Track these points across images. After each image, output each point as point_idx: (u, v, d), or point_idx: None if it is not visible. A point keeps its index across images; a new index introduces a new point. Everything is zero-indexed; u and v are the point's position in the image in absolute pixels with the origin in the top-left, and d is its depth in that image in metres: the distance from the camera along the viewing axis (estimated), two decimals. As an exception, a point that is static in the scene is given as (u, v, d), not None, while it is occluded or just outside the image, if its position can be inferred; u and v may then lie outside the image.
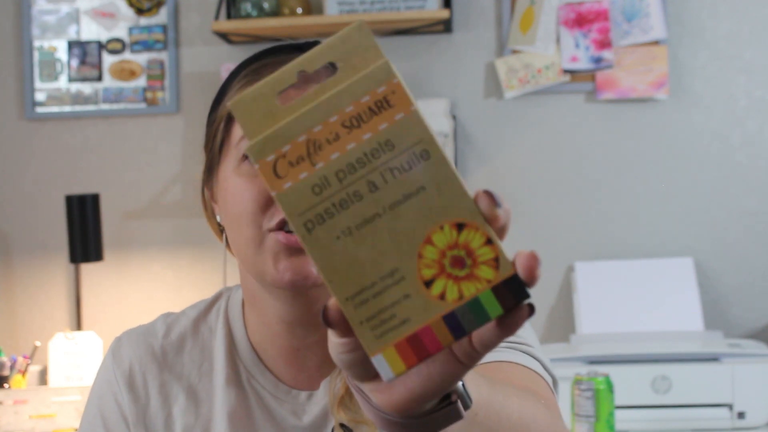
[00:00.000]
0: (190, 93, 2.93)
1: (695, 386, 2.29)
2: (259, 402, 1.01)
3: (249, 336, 1.04)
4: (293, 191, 0.50)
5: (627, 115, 2.77)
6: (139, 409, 1.02)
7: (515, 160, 2.81)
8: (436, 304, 0.49)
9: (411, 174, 0.49)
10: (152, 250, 2.93)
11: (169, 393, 1.02)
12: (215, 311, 1.07)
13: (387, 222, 0.49)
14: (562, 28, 2.77)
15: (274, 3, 2.79)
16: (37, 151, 2.98)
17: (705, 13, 2.75)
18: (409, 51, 2.85)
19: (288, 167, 0.49)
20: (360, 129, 0.49)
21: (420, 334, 0.49)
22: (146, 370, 1.03)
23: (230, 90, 1.00)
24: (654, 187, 2.76)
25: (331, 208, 0.49)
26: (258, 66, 0.99)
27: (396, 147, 0.49)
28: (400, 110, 0.49)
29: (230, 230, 0.99)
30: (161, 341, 1.05)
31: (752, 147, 2.74)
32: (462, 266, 0.50)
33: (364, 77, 0.50)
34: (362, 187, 0.49)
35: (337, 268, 0.49)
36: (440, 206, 0.49)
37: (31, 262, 2.97)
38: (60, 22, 2.97)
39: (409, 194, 0.49)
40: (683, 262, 2.66)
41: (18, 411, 2.48)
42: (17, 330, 2.96)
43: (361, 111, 0.49)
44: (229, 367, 1.02)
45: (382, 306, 0.49)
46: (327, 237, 0.49)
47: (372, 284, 0.49)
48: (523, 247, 2.81)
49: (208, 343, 1.05)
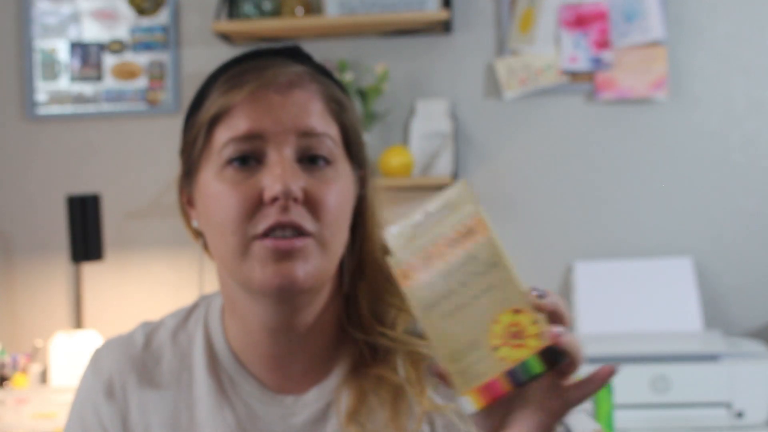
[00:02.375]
0: (191, 93, 2.90)
1: (694, 385, 2.30)
2: (245, 408, 1.00)
3: (230, 343, 1.03)
4: (418, 288, 0.77)
5: (626, 116, 2.78)
6: (119, 420, 1.01)
7: (515, 160, 2.82)
8: (501, 363, 0.76)
9: (487, 276, 0.76)
10: (153, 250, 2.94)
11: (148, 404, 1.01)
12: (194, 320, 1.06)
13: (471, 308, 0.76)
14: (561, 29, 2.78)
15: (274, 3, 2.80)
16: (39, 152, 2.98)
17: (704, 13, 2.76)
18: (409, 51, 2.85)
19: (413, 273, 0.77)
20: (456, 248, 0.77)
21: (491, 383, 0.76)
22: (126, 381, 1.02)
23: (211, 95, 0.98)
24: (653, 187, 2.77)
25: (439, 298, 0.77)
26: (239, 71, 0.98)
27: (478, 258, 0.77)
28: (482, 235, 0.77)
29: (212, 236, 0.97)
30: (140, 352, 1.03)
31: (751, 147, 2.74)
32: (518, 338, 0.75)
33: (461, 216, 0.78)
34: (456, 286, 0.77)
35: (441, 337, 0.77)
36: (504, 298, 0.76)
37: (33, 261, 2.97)
38: (61, 23, 2.97)
39: (486, 290, 0.76)
40: (682, 261, 2.67)
41: (19, 410, 2.49)
42: (18, 329, 2.96)
43: (458, 237, 0.77)
44: (210, 376, 1.01)
45: (467, 363, 0.76)
46: (436, 317, 0.77)
47: (461, 349, 0.77)
48: (522, 246, 2.83)
49: (187, 353, 1.03)
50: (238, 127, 0.94)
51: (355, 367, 1.00)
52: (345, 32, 2.82)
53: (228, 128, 0.95)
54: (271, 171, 0.92)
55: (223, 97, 0.96)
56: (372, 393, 0.98)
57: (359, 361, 1.00)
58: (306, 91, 0.96)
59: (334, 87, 0.99)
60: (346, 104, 0.99)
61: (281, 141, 0.93)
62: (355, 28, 2.78)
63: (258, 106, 0.94)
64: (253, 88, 0.95)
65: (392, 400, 0.98)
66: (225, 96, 0.96)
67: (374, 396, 0.98)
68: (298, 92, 0.95)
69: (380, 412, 0.98)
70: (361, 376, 0.99)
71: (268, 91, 0.95)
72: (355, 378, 1.00)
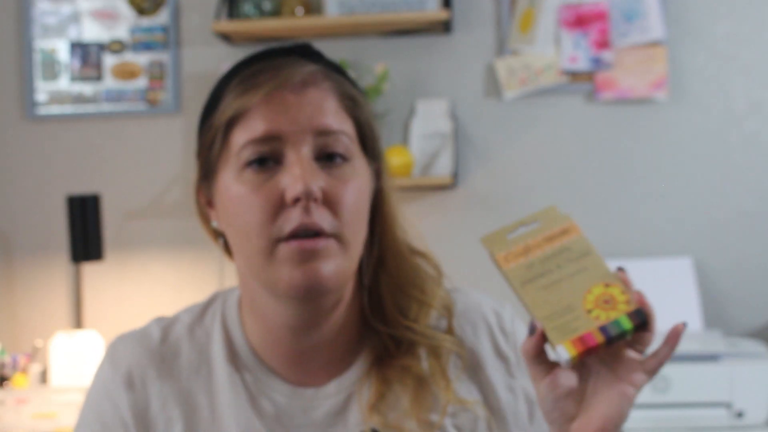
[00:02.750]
0: (191, 93, 2.94)
1: (694, 385, 2.30)
2: (266, 401, 1.01)
3: (248, 338, 1.03)
4: (516, 269, 0.88)
5: (626, 116, 2.78)
6: (140, 411, 1.01)
7: (515, 160, 2.82)
8: (595, 321, 0.85)
9: (580, 261, 0.89)
10: (153, 250, 2.94)
11: (169, 396, 1.02)
12: (210, 315, 1.06)
13: (566, 284, 0.87)
14: (561, 29, 2.78)
15: (274, 3, 2.80)
16: (38, 152, 2.98)
17: (704, 14, 2.76)
18: (409, 52, 2.86)
19: (513, 258, 0.89)
20: (553, 242, 0.89)
21: (585, 336, 0.84)
22: (145, 374, 1.02)
23: (226, 97, 0.98)
24: (653, 187, 2.77)
25: (536, 276, 0.88)
26: (253, 72, 0.98)
27: (572, 249, 0.89)
28: (575, 233, 0.90)
29: (235, 238, 0.98)
30: (158, 345, 1.04)
31: (751, 147, 2.74)
32: (608, 304, 0.86)
33: (555, 221, 0.91)
34: (553, 267, 0.88)
35: (538, 303, 0.86)
36: (596, 275, 0.87)
37: (32, 261, 2.97)
38: (61, 23, 2.98)
39: (580, 270, 0.88)
40: (682, 261, 2.67)
41: (19, 410, 2.49)
42: (18, 329, 2.96)
43: (553, 235, 0.90)
44: (230, 369, 1.02)
45: (564, 321, 0.85)
46: (534, 289, 0.87)
47: (558, 311, 0.86)
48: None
49: (205, 347, 1.04)
50: (255, 129, 0.95)
51: (379, 358, 1.02)
52: (345, 32, 2.82)
53: (245, 130, 0.95)
54: (291, 171, 0.93)
55: (239, 99, 0.96)
56: (396, 383, 1.00)
57: (383, 353, 1.02)
58: (320, 89, 0.97)
59: (346, 83, 1.00)
60: (359, 100, 1.01)
61: (298, 141, 0.94)
62: (355, 28, 2.78)
63: (274, 107, 0.95)
64: (269, 89, 0.95)
65: (415, 391, 1.00)
66: (241, 98, 0.96)
67: (398, 386, 1.00)
68: (313, 91, 0.97)
69: (403, 402, 0.99)
70: (385, 366, 1.01)
71: (284, 92, 0.95)
72: (378, 368, 1.01)
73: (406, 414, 0.99)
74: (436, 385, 1.00)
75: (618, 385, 0.87)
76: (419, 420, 0.99)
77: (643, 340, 0.87)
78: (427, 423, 0.99)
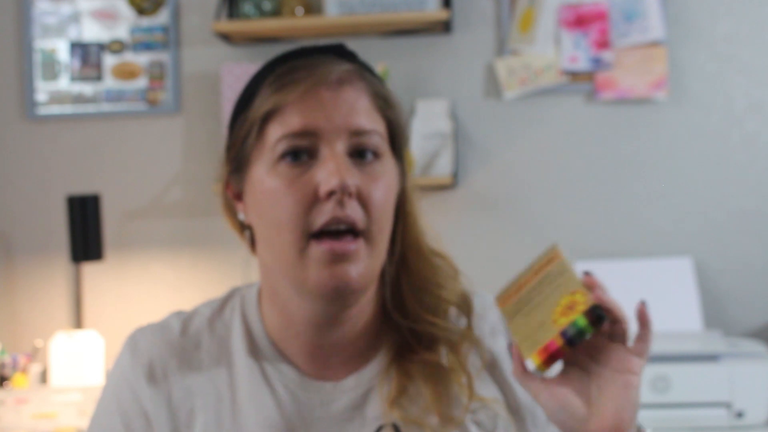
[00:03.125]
0: (191, 93, 2.94)
1: (694, 385, 2.30)
2: (286, 393, 1.02)
3: (268, 332, 1.05)
4: (509, 306, 0.96)
5: (626, 116, 2.78)
6: (162, 401, 1.02)
7: (515, 160, 2.82)
8: (557, 328, 0.90)
9: (555, 281, 0.94)
10: (153, 250, 2.94)
11: (191, 387, 1.02)
12: (229, 309, 1.08)
13: (542, 305, 0.93)
14: (561, 29, 2.78)
15: (274, 3, 2.80)
16: (38, 152, 2.98)
17: (704, 13, 2.76)
18: (409, 52, 2.85)
19: (507, 298, 0.97)
20: (539, 273, 0.96)
21: (548, 344, 0.91)
22: (166, 365, 1.03)
23: (261, 92, 1.00)
24: (653, 187, 2.77)
25: (522, 306, 0.95)
26: (289, 68, 0.99)
27: (551, 274, 0.95)
28: (556, 260, 0.96)
29: (265, 232, 0.99)
30: (179, 338, 1.05)
31: (751, 147, 2.74)
32: (571, 309, 0.91)
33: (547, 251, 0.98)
34: (535, 295, 0.94)
35: (519, 330, 0.94)
36: (566, 288, 0.92)
37: (32, 261, 2.97)
38: (61, 23, 2.98)
39: (554, 290, 0.93)
40: (682, 261, 2.67)
41: (19, 410, 2.49)
42: (18, 329, 2.96)
43: (542, 265, 0.96)
44: (250, 361, 1.03)
45: (534, 337, 0.92)
46: (519, 318, 0.94)
47: (530, 330, 0.93)
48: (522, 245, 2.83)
49: (225, 340, 1.05)
50: (291, 123, 0.96)
51: (400, 353, 1.03)
52: (345, 32, 2.82)
53: (281, 125, 0.97)
54: (326, 166, 0.95)
55: (276, 95, 0.98)
56: (417, 377, 1.02)
57: (403, 348, 1.03)
58: (354, 88, 0.99)
59: (379, 84, 1.02)
60: (391, 100, 1.03)
61: (333, 138, 0.96)
62: (355, 28, 2.78)
63: (311, 104, 0.97)
64: (307, 86, 0.97)
65: (436, 386, 1.02)
66: (278, 93, 0.98)
67: (419, 380, 1.02)
68: (348, 90, 0.99)
69: (424, 397, 1.01)
70: (406, 360, 1.02)
71: (320, 89, 0.97)
72: (399, 363, 1.03)
73: (427, 409, 1.01)
74: (457, 380, 1.02)
75: (619, 377, 0.91)
76: (440, 415, 1.01)
77: (617, 332, 0.93)
78: (448, 418, 1.01)
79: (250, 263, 1.08)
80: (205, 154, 2.91)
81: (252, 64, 2.82)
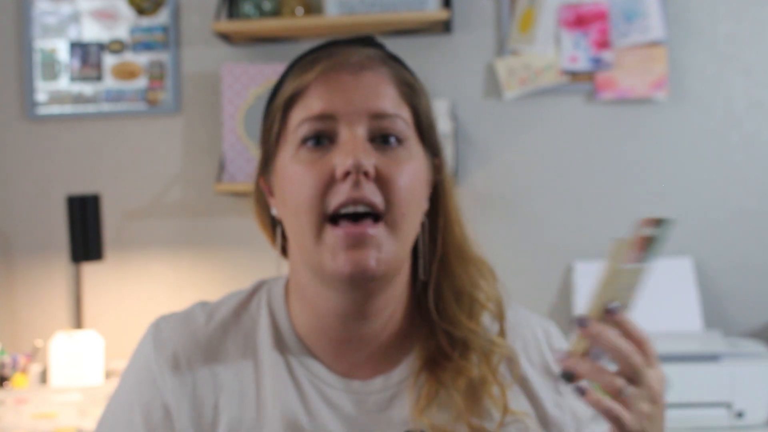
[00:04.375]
0: (191, 93, 2.94)
1: (694, 385, 2.30)
2: (312, 389, 1.00)
3: (295, 326, 1.03)
4: None
5: (626, 116, 2.78)
6: (186, 393, 0.99)
7: (515, 160, 2.82)
8: None
9: None
10: (152, 250, 2.94)
11: (216, 379, 1.00)
12: (255, 302, 1.05)
13: None
14: (561, 29, 2.78)
15: (274, 3, 2.80)
16: (38, 152, 2.98)
17: (704, 13, 2.76)
18: (409, 51, 2.82)
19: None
20: None
21: None
22: (191, 356, 1.00)
23: (285, 82, 0.99)
24: (653, 187, 2.77)
25: None
26: (313, 56, 0.99)
27: None
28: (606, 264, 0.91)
29: (289, 220, 0.98)
30: (203, 328, 1.02)
31: (751, 147, 2.74)
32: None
33: None
34: None
35: None
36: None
37: (32, 261, 2.97)
38: (61, 23, 2.98)
39: None
40: (682, 261, 2.67)
41: (19, 410, 2.49)
42: (18, 329, 2.96)
43: None
44: (277, 355, 1.01)
45: None
46: None
47: None
48: (522, 246, 2.83)
49: (252, 333, 1.03)
50: (311, 107, 0.96)
51: (431, 359, 1.00)
52: (345, 32, 2.82)
53: (302, 109, 0.96)
54: (343, 148, 0.93)
55: (297, 79, 0.98)
56: (449, 385, 0.99)
57: (436, 353, 1.00)
58: (377, 73, 0.98)
59: (404, 71, 1.01)
60: (417, 88, 1.01)
61: (353, 121, 0.95)
62: (355, 28, 2.78)
63: (330, 87, 0.96)
64: (325, 68, 0.96)
65: (468, 395, 0.99)
66: (298, 78, 0.98)
67: (451, 388, 0.99)
68: (370, 74, 0.97)
69: (455, 406, 0.98)
70: (439, 367, 1.00)
71: (340, 72, 0.96)
72: (431, 368, 1.00)
73: (457, 418, 0.98)
74: (489, 390, 0.99)
75: None
76: (470, 426, 0.98)
77: None
78: (479, 429, 0.98)
79: (252, 263, 1.08)
80: (205, 154, 2.91)
81: (252, 64, 2.83)
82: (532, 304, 2.74)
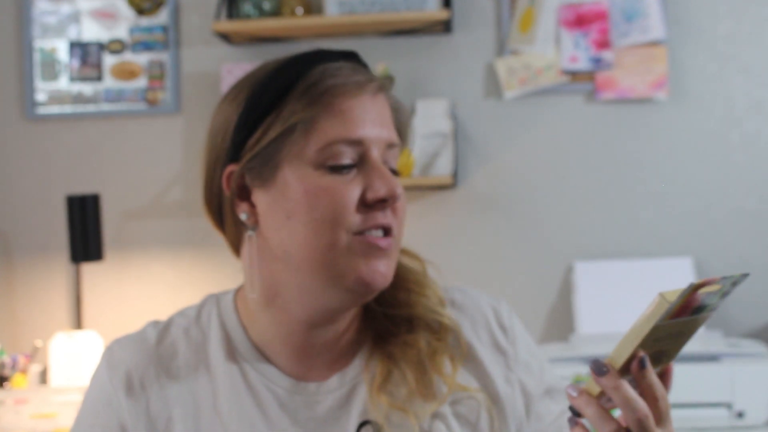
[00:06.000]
0: (191, 93, 2.94)
1: (694, 386, 2.30)
2: (269, 395, 1.02)
3: (249, 336, 1.04)
4: None
5: (626, 116, 2.78)
6: (140, 412, 1.02)
7: (515, 160, 2.82)
8: None
9: None
10: (152, 250, 2.94)
11: (168, 396, 1.02)
12: (206, 315, 1.07)
13: None
14: (561, 29, 2.78)
15: (274, 3, 2.80)
16: (38, 152, 2.98)
17: (704, 13, 2.76)
18: (409, 51, 2.85)
19: None
20: None
21: None
22: (143, 375, 1.03)
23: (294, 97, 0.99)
24: (653, 187, 2.77)
25: None
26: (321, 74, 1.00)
27: None
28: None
29: (296, 230, 0.98)
30: (155, 347, 1.05)
31: (751, 147, 2.74)
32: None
33: None
34: None
35: None
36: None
37: (32, 261, 2.97)
38: (61, 23, 2.97)
39: None
40: (682, 261, 2.67)
41: (19, 411, 2.49)
42: (18, 329, 2.96)
43: None
44: (230, 366, 1.03)
45: None
46: None
47: None
48: (522, 246, 2.83)
49: (202, 347, 1.05)
50: (348, 130, 0.98)
51: (380, 337, 1.04)
52: (345, 32, 2.82)
53: (327, 131, 0.98)
54: (378, 172, 0.98)
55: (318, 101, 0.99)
56: (400, 359, 1.03)
57: (384, 332, 1.05)
58: (385, 98, 1.03)
59: (393, 96, 1.05)
60: (401, 107, 1.06)
61: (378, 147, 0.99)
62: (355, 27, 2.78)
63: (361, 110, 0.99)
64: (351, 94, 0.99)
65: (419, 366, 1.03)
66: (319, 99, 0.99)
67: (402, 362, 1.03)
68: (382, 100, 1.02)
69: (408, 380, 1.02)
70: (388, 344, 1.04)
71: (362, 98, 1.00)
72: (381, 347, 1.04)
73: (410, 393, 1.01)
74: (441, 363, 1.03)
75: None
76: (424, 395, 1.01)
77: None
78: (432, 395, 1.01)
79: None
80: (204, 154, 2.90)
81: (252, 64, 2.82)
82: (532, 304, 2.74)
